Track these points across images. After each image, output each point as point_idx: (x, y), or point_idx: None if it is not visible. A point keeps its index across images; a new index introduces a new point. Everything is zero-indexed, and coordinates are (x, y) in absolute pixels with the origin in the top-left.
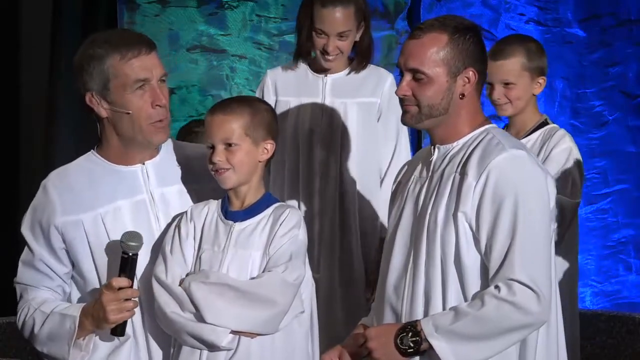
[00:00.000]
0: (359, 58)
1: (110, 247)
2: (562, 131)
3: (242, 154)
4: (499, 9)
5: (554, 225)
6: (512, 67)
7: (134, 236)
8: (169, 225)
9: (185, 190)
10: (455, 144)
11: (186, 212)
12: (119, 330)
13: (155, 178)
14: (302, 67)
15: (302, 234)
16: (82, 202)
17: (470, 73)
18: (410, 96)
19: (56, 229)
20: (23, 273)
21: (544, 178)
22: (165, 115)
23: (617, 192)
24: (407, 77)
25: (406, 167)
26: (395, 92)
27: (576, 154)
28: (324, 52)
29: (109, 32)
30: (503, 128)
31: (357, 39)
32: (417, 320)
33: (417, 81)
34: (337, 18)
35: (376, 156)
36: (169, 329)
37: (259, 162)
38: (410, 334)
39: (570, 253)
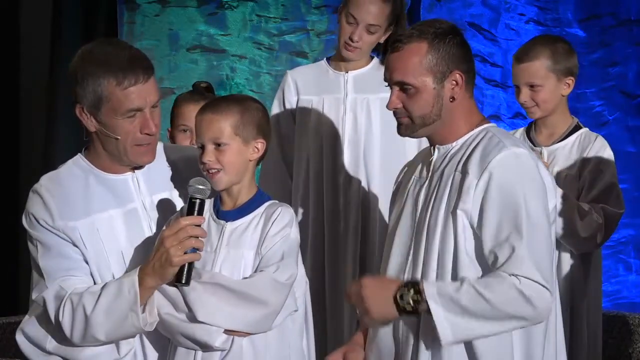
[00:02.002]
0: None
1: (104, 256)
2: (601, 138)
3: (232, 153)
4: (499, 9)
5: (555, 228)
6: (536, 69)
7: (202, 181)
8: (162, 228)
9: (176, 194)
10: (454, 143)
11: (178, 213)
12: (184, 277)
13: (146, 185)
14: (323, 65)
15: (294, 233)
16: (76, 209)
17: (457, 76)
18: (402, 108)
19: (57, 228)
20: (48, 268)
21: (545, 176)
22: (152, 141)
23: None
24: (396, 90)
25: (407, 167)
26: (386, 106)
27: (614, 163)
28: (349, 40)
29: (108, 48)
30: (527, 126)
31: (382, 40)
32: (419, 281)
33: (405, 92)
34: (372, 9)
35: (400, 151)
36: (163, 330)
37: (250, 161)
38: (412, 292)
39: (598, 257)
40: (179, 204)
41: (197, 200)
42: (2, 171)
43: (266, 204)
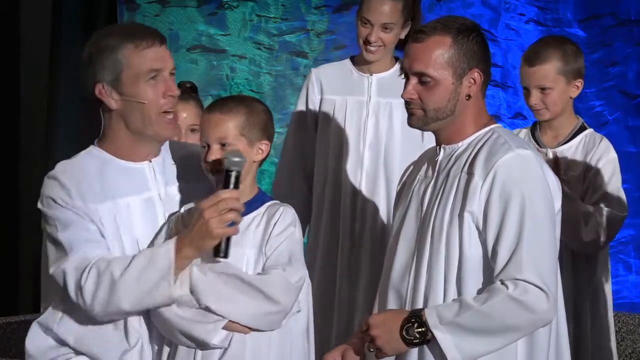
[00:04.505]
0: None
1: (119, 242)
2: (605, 140)
3: None
4: (499, 9)
5: (557, 231)
6: (547, 71)
7: (238, 154)
8: (163, 225)
9: (187, 189)
10: (460, 143)
11: (179, 211)
12: (222, 250)
13: (161, 176)
14: (347, 65)
15: (297, 232)
16: (95, 193)
17: (476, 74)
18: (417, 99)
19: (77, 207)
20: (70, 240)
21: (551, 178)
22: (174, 105)
23: None
24: (413, 80)
25: (412, 167)
26: (401, 95)
27: (617, 165)
28: (366, 42)
29: (121, 25)
30: (532, 126)
31: (402, 36)
32: (421, 310)
33: (423, 84)
34: (384, 9)
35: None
36: (162, 327)
37: (254, 162)
38: (416, 325)
39: (605, 258)
40: (191, 197)
41: (233, 173)
42: (2, 171)
43: (267, 203)
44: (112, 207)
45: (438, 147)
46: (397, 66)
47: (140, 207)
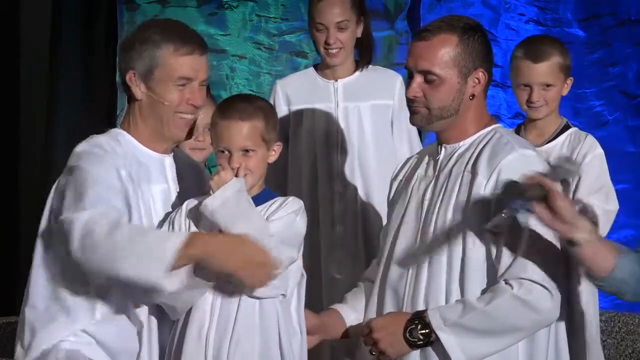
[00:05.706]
0: (363, 56)
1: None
2: (590, 137)
3: (259, 159)
4: (499, 9)
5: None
6: (552, 68)
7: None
8: (162, 221)
9: (185, 189)
10: (462, 143)
11: (181, 207)
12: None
13: (172, 172)
14: (312, 74)
15: (299, 220)
16: (127, 172)
17: (480, 73)
18: (421, 97)
19: (117, 167)
20: (95, 196)
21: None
22: (193, 113)
23: (617, 192)
24: (418, 78)
25: (407, 164)
26: (406, 94)
27: (605, 160)
28: (326, 46)
29: (170, 22)
30: (516, 128)
31: (359, 35)
32: (424, 312)
33: (429, 83)
34: (334, 10)
35: (392, 155)
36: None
37: (268, 163)
38: (419, 326)
39: None
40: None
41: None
42: (1, 171)
43: (274, 199)
44: (136, 190)
45: (439, 146)
46: (359, 69)
47: (159, 196)
